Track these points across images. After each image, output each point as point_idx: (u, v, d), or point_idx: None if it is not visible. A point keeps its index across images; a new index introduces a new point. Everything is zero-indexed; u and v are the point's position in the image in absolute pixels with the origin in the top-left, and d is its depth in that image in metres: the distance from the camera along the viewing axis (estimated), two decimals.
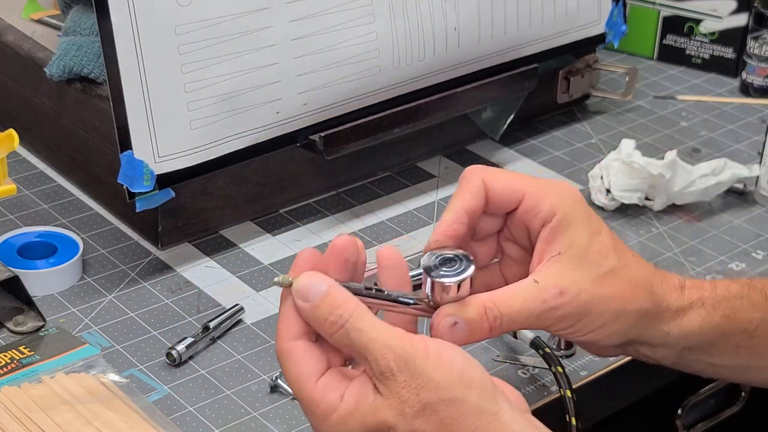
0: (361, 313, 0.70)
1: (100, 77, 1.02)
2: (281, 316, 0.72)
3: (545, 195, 0.79)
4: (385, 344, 0.69)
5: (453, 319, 0.75)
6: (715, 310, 0.81)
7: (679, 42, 1.40)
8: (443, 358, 0.69)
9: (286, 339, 0.71)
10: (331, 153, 1.04)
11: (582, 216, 0.79)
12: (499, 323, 0.76)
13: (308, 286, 0.70)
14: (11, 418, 0.82)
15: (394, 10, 1.05)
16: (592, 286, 0.77)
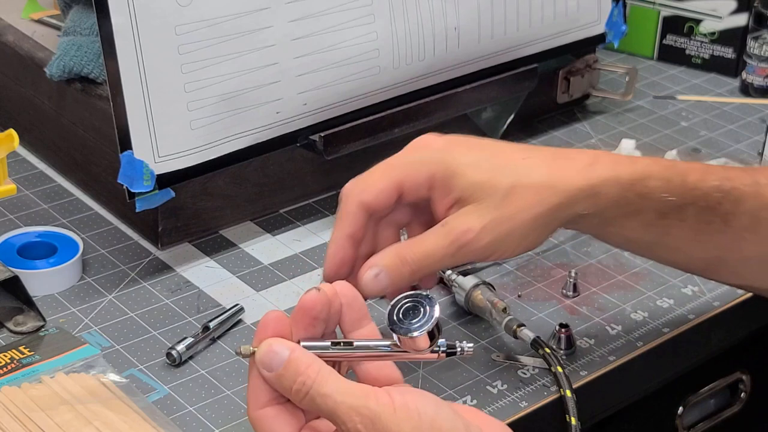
0: (324, 377, 0.70)
1: (100, 77, 1.02)
2: (249, 385, 0.73)
3: (417, 174, 0.83)
4: (351, 406, 0.69)
5: (375, 270, 0.80)
6: (631, 185, 0.84)
7: (679, 42, 1.40)
8: (411, 410, 0.69)
9: (254, 408, 0.72)
10: (331, 153, 1.04)
11: (459, 161, 0.83)
12: (418, 266, 0.81)
13: (270, 354, 0.71)
14: (11, 418, 0.82)
15: (394, 10, 1.05)
16: (497, 211, 0.81)
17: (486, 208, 0.82)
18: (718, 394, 1.11)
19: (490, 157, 0.84)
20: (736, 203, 0.86)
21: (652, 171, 0.85)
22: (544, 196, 0.83)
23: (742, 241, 0.87)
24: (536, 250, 1.04)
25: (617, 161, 0.85)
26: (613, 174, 0.84)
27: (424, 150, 0.85)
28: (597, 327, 0.96)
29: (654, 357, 0.95)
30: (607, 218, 0.85)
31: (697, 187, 0.86)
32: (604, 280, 1.01)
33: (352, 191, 0.84)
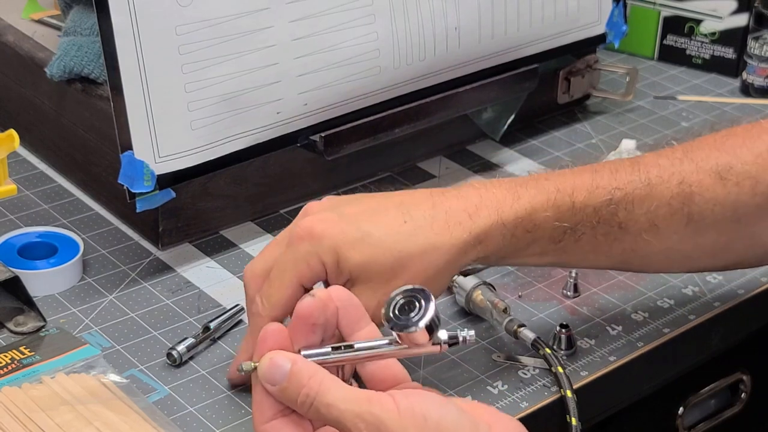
0: (327, 387, 0.70)
1: (100, 77, 1.02)
2: (254, 399, 0.73)
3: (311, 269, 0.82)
4: (355, 414, 0.69)
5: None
6: (516, 226, 0.84)
7: (680, 42, 1.40)
8: (416, 413, 0.69)
9: (259, 422, 0.72)
10: (332, 153, 1.04)
11: (343, 246, 0.81)
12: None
13: (272, 368, 0.71)
14: (12, 418, 0.82)
15: (395, 11, 1.05)
16: (388, 284, 0.80)
17: (376, 285, 0.81)
18: (719, 395, 1.11)
19: (372, 231, 0.82)
20: (630, 209, 0.86)
21: (537, 204, 0.84)
22: (431, 259, 0.82)
23: (642, 242, 0.87)
24: None
25: (500, 203, 0.84)
26: (496, 219, 0.84)
27: (309, 241, 0.82)
28: (597, 327, 0.96)
29: (654, 357, 0.95)
30: (502, 256, 0.86)
31: (588, 204, 0.85)
32: (605, 280, 1.01)
33: (261, 311, 0.82)
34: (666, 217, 0.86)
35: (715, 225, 0.87)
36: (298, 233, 0.83)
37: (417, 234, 0.83)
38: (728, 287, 1.01)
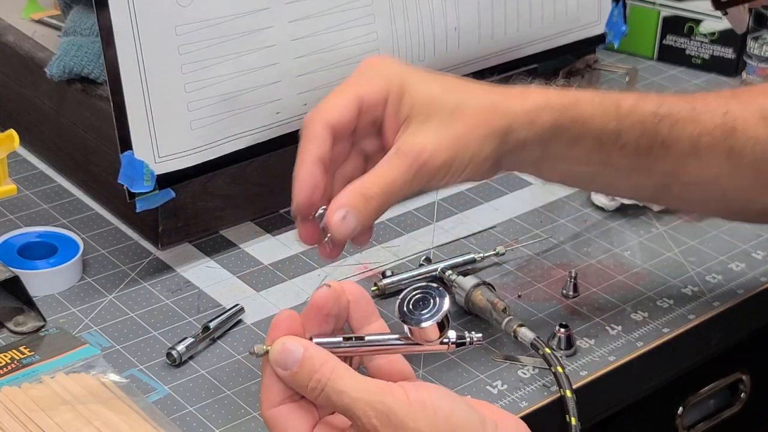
0: (339, 374, 0.70)
1: (100, 77, 1.02)
2: (262, 384, 0.72)
3: (374, 88, 0.82)
4: (366, 402, 0.69)
5: (341, 212, 0.79)
6: (563, 113, 0.85)
7: (679, 42, 1.40)
8: (426, 405, 0.69)
9: (267, 407, 0.72)
10: None
11: (411, 78, 0.83)
12: (382, 199, 0.80)
13: (284, 353, 0.71)
14: (11, 418, 0.82)
15: (395, 11, 1.05)
16: (447, 129, 0.81)
17: (435, 125, 0.82)
18: (718, 395, 1.11)
19: (439, 77, 0.84)
20: (674, 127, 0.87)
21: (582, 98, 0.86)
22: (488, 117, 0.83)
23: (684, 166, 0.88)
24: (536, 250, 1.05)
25: (547, 91, 0.86)
26: (545, 100, 0.85)
27: (378, 65, 0.84)
28: (597, 327, 0.96)
29: (654, 357, 0.95)
30: (547, 149, 0.86)
31: (633, 111, 0.86)
32: (604, 280, 1.01)
33: (314, 116, 0.82)
34: (708, 146, 0.87)
35: (754, 164, 0.88)
36: (368, 59, 0.84)
37: (480, 92, 0.84)
38: (728, 287, 1.01)
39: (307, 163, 0.81)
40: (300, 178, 0.81)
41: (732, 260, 1.04)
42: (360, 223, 0.80)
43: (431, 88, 0.83)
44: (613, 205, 1.10)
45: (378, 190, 0.80)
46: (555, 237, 1.06)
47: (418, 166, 0.81)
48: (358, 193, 0.80)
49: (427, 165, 0.81)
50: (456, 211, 1.10)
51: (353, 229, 0.80)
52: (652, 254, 1.05)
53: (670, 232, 1.08)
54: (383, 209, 0.81)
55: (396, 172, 0.81)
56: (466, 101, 0.83)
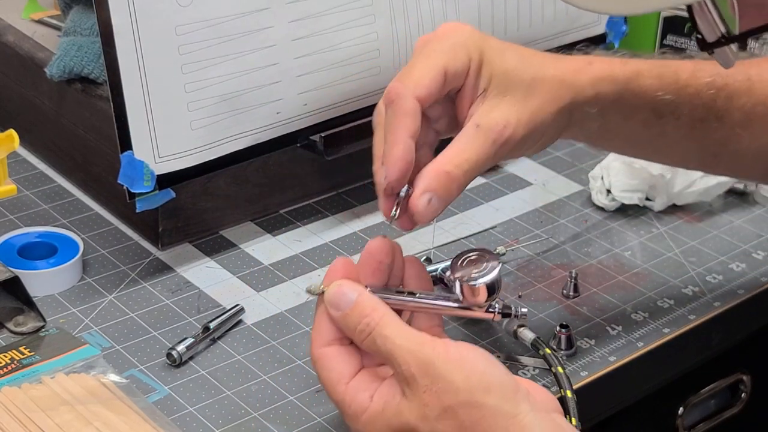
0: (387, 321, 0.73)
1: (100, 77, 1.02)
2: (315, 323, 0.76)
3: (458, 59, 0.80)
4: (409, 350, 0.71)
5: (427, 195, 0.78)
6: (626, 85, 0.85)
7: (680, 42, 1.40)
8: (464, 362, 0.71)
9: (317, 346, 0.75)
10: (332, 153, 1.04)
11: (490, 49, 0.82)
12: (465, 178, 0.79)
13: (339, 295, 0.75)
14: (11, 418, 0.82)
15: (395, 11, 1.05)
16: (524, 104, 0.81)
17: (513, 100, 0.81)
18: (719, 395, 1.11)
19: (513, 48, 0.83)
20: (729, 99, 0.87)
21: (643, 69, 0.86)
22: (559, 91, 0.83)
23: (736, 136, 0.88)
24: (536, 250, 1.05)
25: (611, 62, 0.86)
26: (609, 72, 0.85)
27: (458, 34, 0.82)
28: (597, 327, 0.96)
29: (654, 357, 0.95)
30: (606, 121, 0.86)
31: (690, 84, 0.87)
32: (605, 280, 1.01)
33: (404, 89, 0.80)
34: (761, 116, 0.88)
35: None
36: (448, 24, 0.83)
37: (549, 63, 0.84)
38: (728, 287, 1.01)
39: (403, 139, 0.79)
40: (396, 156, 0.79)
41: (732, 260, 1.04)
42: (444, 205, 0.80)
43: (508, 59, 0.82)
44: (613, 205, 1.10)
45: (462, 170, 0.79)
46: (555, 237, 1.06)
47: (501, 143, 0.80)
48: (444, 174, 0.79)
49: (509, 141, 0.80)
50: (456, 211, 1.10)
51: (438, 211, 0.79)
52: (652, 254, 1.05)
53: (670, 232, 1.08)
54: (465, 187, 0.81)
55: (480, 149, 0.80)
56: (540, 74, 0.82)
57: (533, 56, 0.84)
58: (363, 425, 0.73)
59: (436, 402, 0.70)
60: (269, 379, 0.89)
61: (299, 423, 0.85)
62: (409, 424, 0.71)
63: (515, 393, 0.71)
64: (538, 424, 0.70)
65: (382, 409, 0.72)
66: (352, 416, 0.74)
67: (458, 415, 0.70)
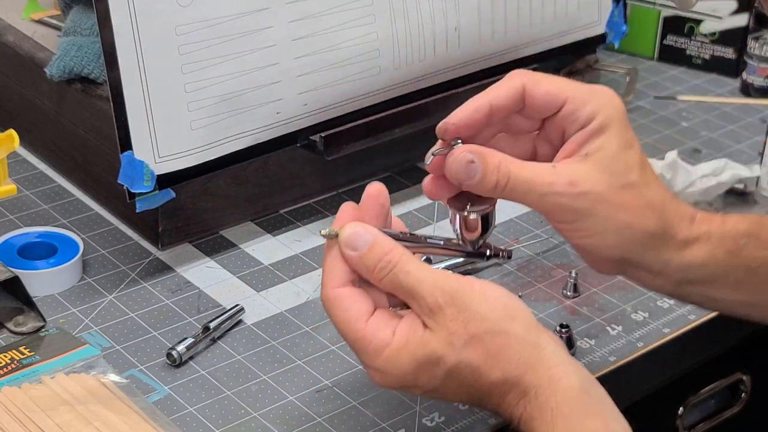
0: (408, 258, 0.75)
1: (100, 77, 1.02)
2: (325, 266, 0.76)
3: (587, 101, 0.79)
4: (433, 282, 0.73)
5: (471, 157, 0.77)
6: (720, 245, 0.81)
7: (680, 42, 1.40)
8: (488, 293, 0.74)
9: (331, 287, 0.76)
10: (332, 153, 1.04)
11: (618, 126, 0.79)
12: (505, 182, 0.77)
13: (355, 235, 0.75)
14: (11, 418, 0.82)
15: (395, 11, 1.05)
16: (606, 191, 0.78)
17: (599, 178, 0.78)
18: (719, 395, 1.11)
19: (638, 150, 0.80)
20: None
21: (741, 229, 0.82)
22: (649, 214, 0.79)
23: None
24: (536, 250, 1.05)
25: (710, 220, 0.82)
26: (706, 230, 0.81)
27: (603, 91, 0.80)
28: (597, 327, 0.96)
29: (654, 357, 0.95)
30: (691, 278, 0.82)
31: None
32: (605, 280, 1.01)
33: (518, 77, 0.80)
34: None
35: None
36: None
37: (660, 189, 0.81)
38: None
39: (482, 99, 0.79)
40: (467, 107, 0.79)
41: None
42: (477, 182, 0.78)
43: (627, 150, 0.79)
44: None
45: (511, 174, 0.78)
46: (555, 237, 1.06)
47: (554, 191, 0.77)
48: (500, 159, 0.78)
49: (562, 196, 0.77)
50: None
51: (463, 176, 0.78)
52: None
53: None
54: (498, 190, 0.78)
55: (537, 179, 0.78)
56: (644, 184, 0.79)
57: (655, 178, 0.81)
58: (385, 360, 0.74)
59: (462, 330, 0.72)
60: (269, 379, 0.89)
61: (299, 423, 0.85)
62: (436, 353, 0.73)
63: (537, 324, 0.74)
64: (560, 355, 0.74)
65: (405, 343, 0.73)
66: (373, 353, 0.74)
67: (484, 342, 0.73)
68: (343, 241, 0.75)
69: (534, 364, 0.73)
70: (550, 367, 0.73)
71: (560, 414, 0.72)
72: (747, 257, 0.81)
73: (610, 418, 0.74)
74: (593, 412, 0.73)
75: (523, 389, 0.73)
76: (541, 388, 0.72)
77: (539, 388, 0.72)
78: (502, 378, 0.73)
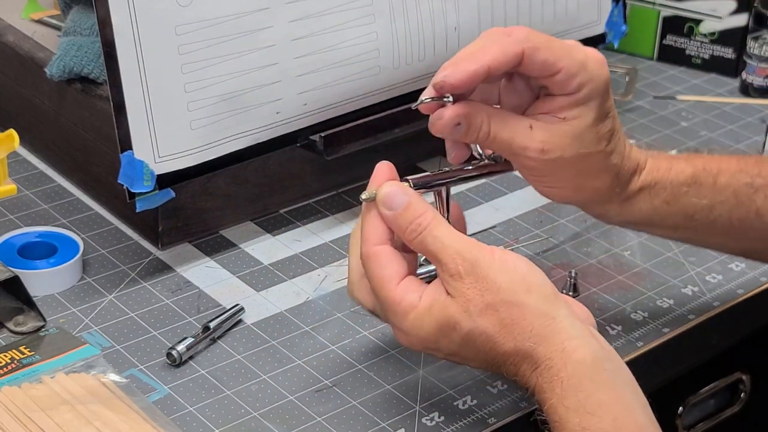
0: (437, 223, 0.78)
1: (100, 77, 1.02)
2: (366, 225, 0.80)
3: (577, 73, 0.83)
4: (456, 249, 0.76)
5: (458, 120, 0.81)
6: (660, 195, 0.87)
7: (679, 42, 1.40)
8: (508, 264, 0.77)
9: (372, 243, 0.79)
10: (332, 153, 1.04)
11: (600, 98, 0.84)
12: (485, 138, 0.82)
13: (391, 195, 0.79)
14: (11, 418, 0.82)
15: (395, 11, 1.05)
16: (573, 157, 0.83)
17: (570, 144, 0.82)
18: (718, 395, 1.11)
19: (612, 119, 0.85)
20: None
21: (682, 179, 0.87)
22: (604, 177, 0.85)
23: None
24: (536, 250, 1.05)
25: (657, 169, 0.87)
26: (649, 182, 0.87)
27: (594, 62, 0.86)
28: (597, 327, 0.96)
29: (654, 357, 0.95)
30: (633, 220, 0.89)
31: (728, 185, 0.87)
32: (604, 280, 1.01)
33: (521, 40, 0.81)
34: None
35: None
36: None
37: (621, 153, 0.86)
38: (728, 287, 1.01)
39: (481, 59, 0.80)
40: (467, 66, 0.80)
41: (732, 260, 1.04)
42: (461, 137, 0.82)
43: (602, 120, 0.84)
44: None
45: (495, 135, 0.82)
46: (555, 237, 1.06)
47: (525, 155, 0.82)
48: (485, 123, 0.81)
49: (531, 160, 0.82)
50: None
51: (449, 136, 0.83)
52: (652, 254, 1.05)
53: None
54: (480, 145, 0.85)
55: (514, 140, 0.82)
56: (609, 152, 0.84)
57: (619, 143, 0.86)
58: (410, 322, 0.78)
59: (479, 298, 0.75)
60: (269, 379, 0.89)
61: (299, 423, 0.85)
62: (453, 318, 0.76)
63: (555, 297, 0.76)
64: (575, 328, 0.75)
65: (430, 307, 0.77)
66: (401, 314, 0.78)
67: (499, 312, 0.75)
68: (380, 200, 0.79)
69: (547, 336, 0.75)
70: (563, 340, 0.75)
71: (570, 386, 0.74)
72: (685, 204, 0.87)
73: (624, 391, 0.77)
74: (605, 384, 0.75)
75: (536, 360, 0.75)
76: (552, 360, 0.75)
77: (551, 360, 0.75)
78: (514, 348, 0.75)
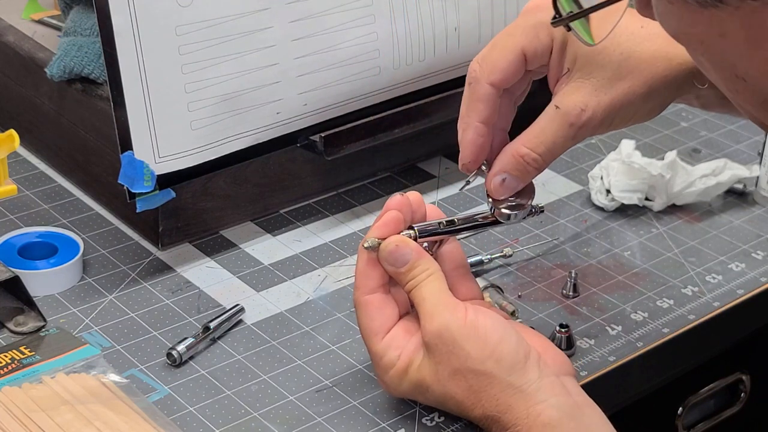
0: (430, 281, 0.81)
1: (100, 78, 1.02)
2: (360, 270, 0.83)
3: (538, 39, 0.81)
4: (432, 314, 0.80)
5: (500, 176, 0.82)
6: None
7: None
8: (478, 330, 0.78)
9: (363, 292, 0.82)
10: (332, 153, 1.04)
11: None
12: (541, 161, 0.82)
13: (395, 254, 0.82)
14: (12, 418, 0.82)
15: (395, 11, 1.05)
16: (610, 86, 0.80)
17: (597, 84, 0.80)
18: (718, 395, 1.11)
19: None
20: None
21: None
22: (658, 68, 0.80)
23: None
24: (536, 250, 1.05)
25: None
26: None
27: (541, 12, 0.81)
28: (597, 327, 0.96)
29: (654, 357, 0.95)
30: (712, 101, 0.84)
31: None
32: (604, 280, 1.01)
33: (480, 75, 0.81)
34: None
35: None
36: (529, 5, 0.82)
37: (653, 39, 0.80)
38: (728, 287, 1.01)
39: (474, 125, 0.83)
40: (467, 140, 0.84)
41: (732, 260, 1.05)
42: (520, 185, 0.83)
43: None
44: (613, 205, 1.10)
45: (537, 152, 0.82)
46: (555, 237, 1.06)
47: (578, 126, 0.80)
48: (518, 157, 0.82)
49: (587, 125, 0.80)
50: (456, 211, 1.10)
51: (514, 190, 0.84)
52: (652, 254, 1.05)
53: (670, 232, 1.08)
54: (544, 168, 0.83)
55: (557, 131, 0.81)
56: (632, 52, 0.80)
57: (635, 29, 0.81)
58: (390, 378, 0.82)
59: (446, 364, 0.78)
60: (269, 379, 0.89)
61: (299, 423, 0.85)
62: (426, 381, 0.80)
63: (525, 362, 0.77)
64: (543, 392, 0.77)
65: (406, 367, 0.81)
66: (383, 368, 0.82)
67: (467, 378, 0.78)
68: (384, 257, 0.82)
69: (513, 405, 0.77)
70: (528, 406, 0.77)
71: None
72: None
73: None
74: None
75: (504, 426, 0.78)
76: (518, 426, 0.77)
77: (516, 426, 0.77)
78: (482, 414, 0.79)
